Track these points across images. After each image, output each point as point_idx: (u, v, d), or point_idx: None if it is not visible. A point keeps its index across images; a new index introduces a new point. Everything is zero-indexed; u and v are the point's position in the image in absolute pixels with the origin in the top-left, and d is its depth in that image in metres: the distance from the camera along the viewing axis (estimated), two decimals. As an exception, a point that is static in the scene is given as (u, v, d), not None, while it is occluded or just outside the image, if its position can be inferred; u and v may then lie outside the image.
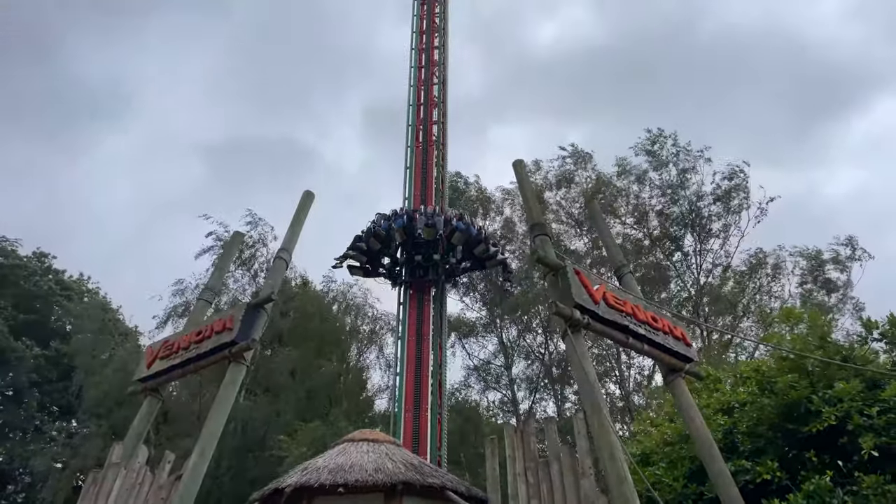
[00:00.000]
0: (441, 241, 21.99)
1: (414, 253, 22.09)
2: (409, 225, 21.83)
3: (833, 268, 32.03)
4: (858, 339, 11.75)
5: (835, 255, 32.08)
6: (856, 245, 31.71)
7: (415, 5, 28.92)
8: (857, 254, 31.59)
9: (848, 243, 31.85)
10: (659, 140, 34.65)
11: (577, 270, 8.95)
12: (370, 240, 22.15)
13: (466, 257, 23.01)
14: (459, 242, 22.18)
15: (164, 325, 32.94)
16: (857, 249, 31.64)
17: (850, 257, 31.71)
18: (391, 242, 22.28)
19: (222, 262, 13.88)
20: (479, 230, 23.30)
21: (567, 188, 36.15)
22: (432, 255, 21.98)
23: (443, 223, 21.92)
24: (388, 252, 22.86)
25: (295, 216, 11.48)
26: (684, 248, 34.20)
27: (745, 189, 32.85)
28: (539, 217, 10.68)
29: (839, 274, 31.96)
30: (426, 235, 21.60)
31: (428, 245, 21.87)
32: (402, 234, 21.82)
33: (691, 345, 9.91)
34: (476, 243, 22.55)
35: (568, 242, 35.33)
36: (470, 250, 22.68)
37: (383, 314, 37.57)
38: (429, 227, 21.66)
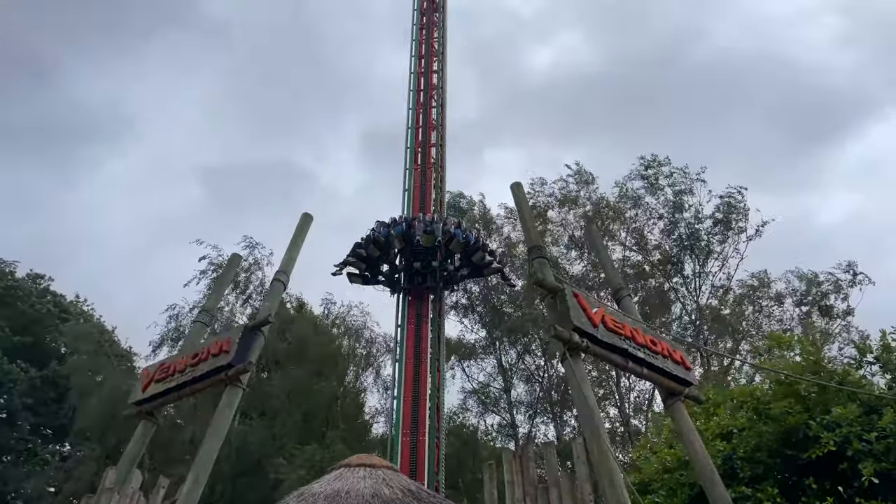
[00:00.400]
0: (440, 248, 22.16)
1: (412, 260, 22.20)
2: (408, 232, 22.02)
3: (833, 293, 32.00)
4: (852, 364, 11.72)
5: (834, 279, 32.07)
6: (856, 270, 31.73)
7: (414, 30, 29.24)
8: (857, 279, 31.58)
9: (848, 269, 31.86)
10: (653, 165, 34.87)
11: (575, 293, 8.93)
12: (369, 247, 22.29)
13: (464, 264, 23.15)
14: (457, 250, 22.39)
15: (159, 349, 32.84)
16: (857, 275, 31.65)
17: (851, 283, 31.70)
18: (390, 249, 22.42)
19: (220, 285, 13.85)
20: (476, 237, 23.53)
21: (567, 209, 36.25)
22: (431, 262, 22.18)
23: (441, 230, 22.14)
24: (387, 259, 22.98)
25: (293, 239, 11.48)
26: (684, 272, 34.22)
27: (742, 212, 32.99)
28: (537, 240, 10.68)
29: (838, 300, 31.94)
30: (425, 242, 21.77)
31: (426, 252, 22.04)
32: (400, 241, 22.03)
33: (691, 368, 9.86)
34: (474, 251, 22.66)
35: (568, 265, 35.34)
36: (468, 257, 22.77)
37: (381, 336, 37.45)
38: (427, 233, 21.88)
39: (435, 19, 29.54)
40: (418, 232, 21.93)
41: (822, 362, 11.22)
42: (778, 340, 12.79)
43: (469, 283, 37.86)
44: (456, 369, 37.65)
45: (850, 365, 11.63)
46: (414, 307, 22.16)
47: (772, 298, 33.11)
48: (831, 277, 32.19)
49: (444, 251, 22.39)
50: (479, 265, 23.06)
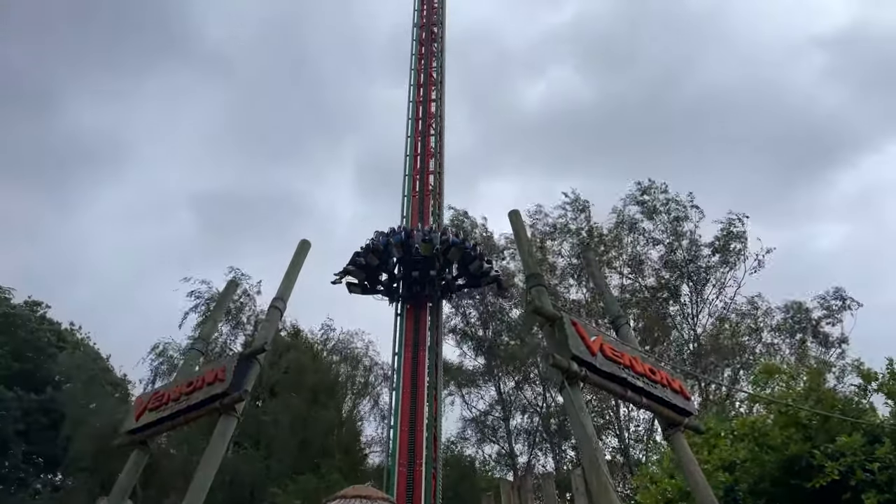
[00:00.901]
0: (438, 257, 22.36)
1: (411, 269, 22.51)
2: (407, 241, 22.31)
3: (826, 320, 32.04)
4: (857, 392, 11.61)
5: (825, 305, 32.13)
6: (844, 296, 31.85)
7: (412, 60, 29.61)
8: (846, 304, 31.67)
9: (837, 295, 31.96)
10: (649, 191, 34.97)
11: (573, 321, 8.87)
12: (368, 255, 22.53)
13: (462, 273, 23.48)
14: (455, 258, 22.66)
15: (152, 383, 32.57)
16: (846, 300, 31.75)
17: (841, 308, 31.77)
18: (389, 258, 22.66)
19: (216, 312, 13.77)
20: (474, 246, 23.77)
21: (564, 238, 36.28)
22: (429, 272, 22.35)
23: (440, 239, 22.39)
24: (386, 268, 23.23)
25: (290, 265, 11.43)
26: (681, 299, 34.11)
27: (742, 239, 32.95)
28: (535, 268, 10.66)
29: (832, 326, 31.97)
30: (423, 251, 21.97)
31: (425, 261, 22.23)
32: (399, 250, 22.26)
33: (690, 398, 9.76)
34: (471, 259, 23.00)
35: (565, 292, 35.26)
36: (465, 266, 23.17)
37: (380, 363, 37.20)
38: (426, 242, 22.09)
39: (433, 49, 29.95)
40: (417, 241, 22.19)
41: (824, 390, 11.12)
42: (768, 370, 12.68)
43: (468, 309, 37.85)
44: (454, 396, 37.36)
45: (854, 393, 11.52)
46: (412, 321, 22.28)
47: (768, 327, 33.02)
48: (823, 303, 32.26)
49: (443, 260, 22.54)
50: (476, 274, 23.35)
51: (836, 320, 31.78)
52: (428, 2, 31.84)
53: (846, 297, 31.72)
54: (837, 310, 31.79)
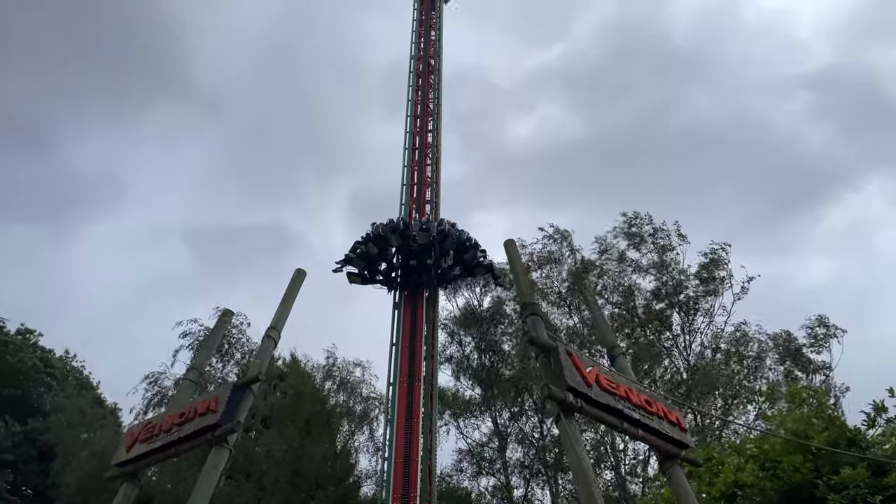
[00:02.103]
0: (434, 246, 23.21)
1: (409, 258, 23.39)
2: (405, 231, 23.25)
3: (811, 349, 32.05)
4: (865, 422, 11.47)
5: (811, 333, 32.18)
6: (827, 323, 31.88)
7: (410, 91, 29.99)
8: (830, 331, 31.70)
9: (820, 323, 32.01)
10: (635, 223, 35.19)
11: (569, 352, 8.86)
12: (368, 244, 23.48)
13: (457, 262, 24.22)
14: (451, 247, 23.56)
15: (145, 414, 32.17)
16: (829, 327, 31.78)
17: (826, 335, 31.78)
18: (388, 247, 23.55)
19: (210, 342, 13.69)
20: (469, 237, 24.45)
21: (552, 267, 36.29)
22: (426, 260, 23.35)
23: (436, 229, 23.41)
24: (385, 258, 24.14)
25: (286, 294, 11.42)
26: (672, 328, 34.04)
27: (726, 267, 33.07)
28: (530, 297, 10.67)
29: (818, 354, 31.96)
30: (421, 239, 22.95)
31: (422, 250, 23.19)
32: (398, 238, 23.20)
33: (687, 430, 9.70)
34: (466, 249, 23.97)
35: (557, 322, 35.14)
36: (460, 256, 23.95)
37: (375, 395, 36.82)
38: (423, 230, 23.13)
39: (430, 81, 30.38)
40: (414, 229, 23.18)
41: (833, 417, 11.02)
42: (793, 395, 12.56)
43: (465, 337, 37.70)
44: (450, 426, 36.96)
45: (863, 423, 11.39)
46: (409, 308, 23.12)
47: (755, 356, 32.98)
48: (808, 331, 32.33)
49: (439, 249, 23.39)
50: (471, 264, 24.37)
51: (822, 347, 31.80)
52: (425, 35, 32.40)
53: (829, 324, 31.79)
54: (822, 337, 31.84)
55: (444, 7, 34.23)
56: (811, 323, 31.98)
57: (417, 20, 33.08)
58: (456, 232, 23.75)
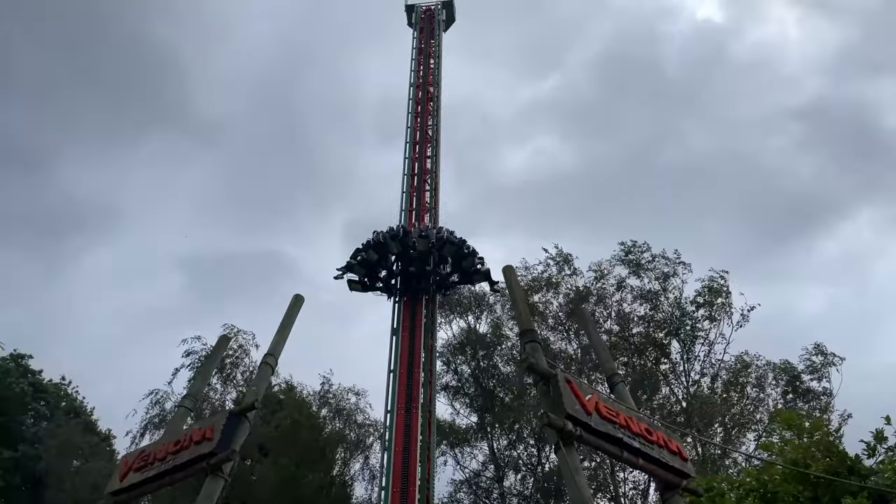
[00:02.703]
0: (433, 253, 23.88)
1: (408, 265, 23.96)
2: (405, 239, 23.82)
3: (810, 377, 31.92)
4: (865, 451, 11.36)
5: (810, 363, 32.06)
6: (825, 351, 31.79)
7: (409, 117, 30.26)
8: (829, 359, 31.61)
9: (817, 351, 31.92)
10: (633, 250, 35.28)
11: (568, 379, 8.81)
12: (369, 251, 24.10)
13: (455, 269, 24.74)
14: (450, 253, 24.19)
15: (141, 438, 31.87)
16: (827, 355, 31.69)
17: (824, 363, 31.68)
18: (388, 254, 24.13)
19: (206, 368, 13.57)
20: (466, 245, 24.94)
21: (551, 292, 36.24)
22: (424, 267, 23.91)
23: (435, 236, 24.09)
24: (385, 264, 24.55)
25: (283, 320, 11.36)
26: (671, 356, 33.90)
27: (725, 295, 33.03)
28: (529, 323, 10.62)
29: (817, 383, 31.82)
30: (420, 246, 23.54)
31: (421, 257, 23.75)
32: (398, 245, 23.77)
33: (688, 459, 9.61)
34: (464, 257, 24.38)
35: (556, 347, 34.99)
36: (458, 263, 24.50)
37: (371, 422, 36.47)
38: (422, 237, 23.77)
39: (430, 108, 30.67)
40: (414, 236, 23.82)
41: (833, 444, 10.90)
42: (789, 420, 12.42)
43: (461, 365, 37.48)
44: (447, 456, 36.53)
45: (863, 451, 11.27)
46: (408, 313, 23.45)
47: (754, 385, 32.84)
48: (806, 360, 32.24)
49: (437, 256, 24.08)
50: (468, 271, 24.88)
51: (822, 376, 31.67)
52: (425, 63, 32.81)
53: (826, 352, 31.70)
54: (821, 365, 31.73)
55: (443, 36, 34.72)
56: (808, 352, 31.94)
57: (417, 48, 33.54)
58: (454, 239, 24.37)
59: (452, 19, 36.32)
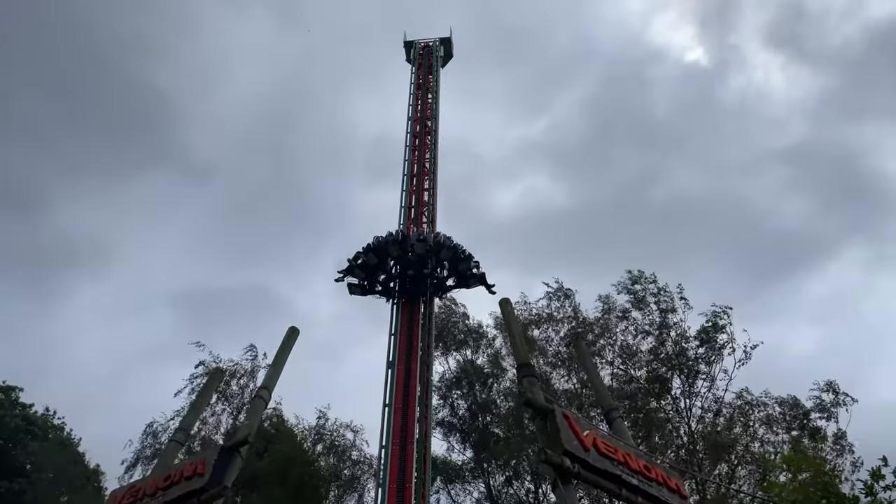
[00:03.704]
0: (430, 257, 24.67)
1: (406, 268, 24.75)
2: (403, 243, 24.67)
3: (818, 415, 31.48)
4: (863, 490, 11.24)
5: (818, 402, 31.64)
6: (837, 389, 31.37)
7: (406, 150, 30.50)
8: (839, 398, 31.18)
9: (829, 388, 31.52)
10: (640, 280, 35.20)
11: (566, 415, 8.71)
12: (369, 254, 24.82)
13: (452, 273, 25.42)
14: (447, 257, 24.85)
15: (133, 469, 31.35)
16: (838, 394, 31.26)
17: (834, 403, 31.25)
18: (387, 258, 24.85)
19: (198, 401, 13.37)
20: (463, 249, 25.47)
21: (551, 326, 36.08)
22: (422, 270, 24.68)
23: (433, 240, 24.89)
24: (384, 268, 25.23)
25: (278, 352, 11.27)
26: (673, 391, 33.57)
27: (727, 331, 32.81)
28: (526, 357, 10.56)
29: (825, 421, 31.36)
30: (418, 249, 24.36)
31: (419, 260, 24.53)
32: (396, 249, 24.61)
33: (687, 497, 9.45)
34: (460, 261, 25.01)
35: (556, 383, 34.70)
36: (455, 267, 25.14)
37: (365, 459, 35.91)
38: (420, 241, 24.60)
39: (427, 141, 30.97)
40: (412, 240, 24.69)
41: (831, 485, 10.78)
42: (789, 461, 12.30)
43: (457, 400, 37.09)
44: (441, 493, 35.88)
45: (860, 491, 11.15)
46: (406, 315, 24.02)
47: (760, 421, 32.39)
48: (815, 398, 31.83)
49: (435, 260, 24.86)
50: (465, 275, 25.35)
51: (831, 415, 31.22)
52: (423, 97, 33.24)
53: (839, 391, 31.26)
54: (831, 404, 31.30)
55: (441, 72, 35.22)
56: (820, 388, 31.48)
57: (415, 83, 34.01)
58: (451, 243, 24.99)
59: (450, 55, 36.92)
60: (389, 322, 24.24)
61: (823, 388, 31.39)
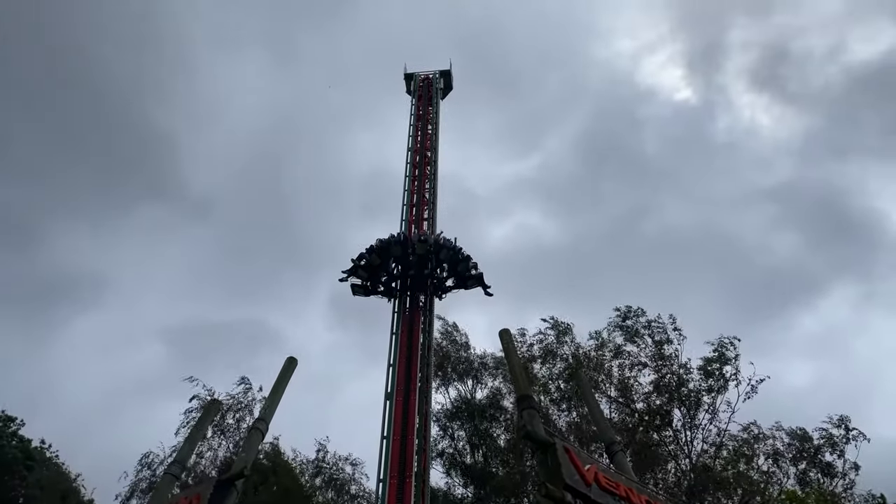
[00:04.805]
0: (430, 258, 25.40)
1: (407, 268, 25.50)
2: (405, 243, 25.49)
3: (828, 449, 30.96)
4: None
5: (827, 435, 31.15)
6: (848, 425, 30.89)
7: (406, 181, 30.64)
8: (850, 434, 30.68)
9: (840, 424, 31.04)
10: (630, 315, 35.06)
11: (567, 448, 8.56)
12: (372, 255, 25.58)
13: (451, 274, 26.07)
14: (446, 259, 25.61)
15: (129, 502, 30.87)
16: (850, 430, 30.77)
17: (845, 438, 30.75)
18: (389, 259, 25.64)
19: (194, 433, 13.17)
20: (462, 250, 25.98)
21: (549, 362, 35.83)
22: (423, 271, 25.46)
23: (433, 241, 25.67)
24: (387, 269, 25.97)
25: (276, 383, 11.13)
26: (673, 424, 33.07)
27: (734, 364, 32.41)
28: (527, 389, 10.42)
29: (835, 456, 30.83)
30: (419, 249, 25.15)
31: (420, 261, 25.30)
32: (399, 249, 25.43)
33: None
34: (459, 262, 25.72)
35: (555, 417, 34.30)
36: (454, 268, 25.83)
37: (364, 493, 35.31)
38: (421, 242, 25.38)
39: (427, 172, 31.14)
40: (414, 240, 25.49)
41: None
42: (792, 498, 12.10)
43: (457, 431, 36.64)
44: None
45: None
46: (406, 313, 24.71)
47: (766, 454, 31.86)
48: (824, 433, 31.34)
49: (435, 261, 25.59)
50: (463, 276, 26.00)
51: (841, 451, 30.72)
52: (423, 128, 33.54)
53: (850, 427, 30.80)
54: (841, 440, 30.80)
55: (440, 103, 35.58)
56: (832, 423, 31.06)
57: (415, 115, 34.36)
58: (450, 244, 25.70)
59: (450, 87, 37.34)
60: (390, 325, 24.77)
61: (835, 423, 31.02)
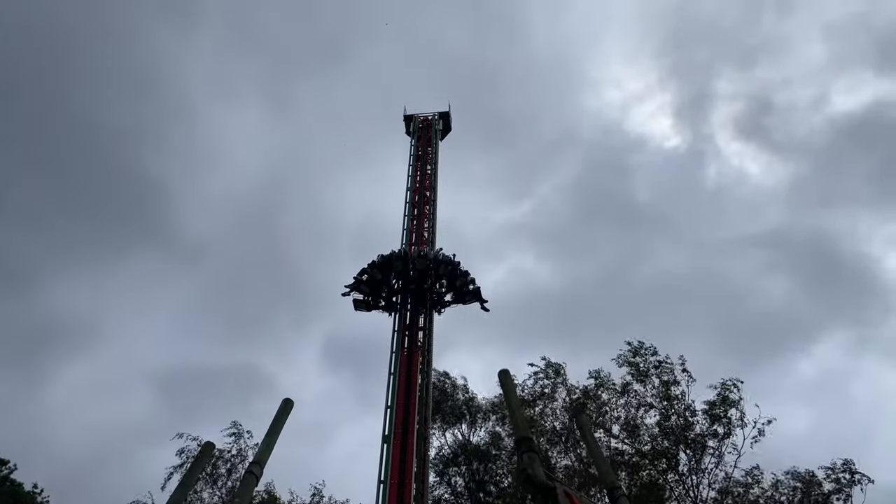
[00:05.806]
0: (430, 273, 26.35)
1: (408, 283, 26.40)
2: (406, 258, 26.51)
3: (836, 495, 30.41)
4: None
5: (834, 478, 30.65)
6: (853, 469, 30.45)
7: (405, 220, 30.83)
8: (856, 478, 30.21)
9: (845, 468, 30.60)
10: (640, 352, 34.73)
11: (568, 492, 8.33)
12: (374, 270, 26.42)
13: (450, 289, 26.82)
14: (445, 274, 26.50)
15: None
16: (855, 474, 30.31)
17: (850, 482, 30.27)
18: (390, 273, 26.47)
19: (188, 478, 12.77)
20: (460, 265, 26.83)
21: (546, 403, 35.43)
22: (422, 285, 26.37)
23: (432, 256, 26.68)
24: (388, 283, 26.78)
25: (271, 426, 10.83)
26: (678, 467, 32.51)
27: (739, 407, 32.04)
28: (526, 431, 10.18)
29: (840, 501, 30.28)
30: (419, 264, 26.15)
31: (420, 276, 26.25)
32: (400, 264, 26.33)
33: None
34: (457, 276, 26.56)
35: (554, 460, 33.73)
36: (453, 283, 26.66)
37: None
38: (421, 257, 26.43)
39: (426, 211, 31.36)
40: (414, 256, 26.53)
41: None
42: None
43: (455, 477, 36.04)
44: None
45: None
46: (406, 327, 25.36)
47: (773, 501, 31.25)
48: (831, 475, 30.85)
49: (434, 276, 26.49)
50: (462, 291, 26.74)
51: (847, 495, 30.20)
52: (422, 168, 33.89)
53: (855, 470, 30.35)
54: (846, 484, 30.32)
55: (439, 144, 36.01)
56: (837, 468, 30.63)
57: (414, 155, 34.78)
58: (449, 259, 26.65)
59: (449, 129, 37.82)
60: (391, 338, 25.21)
61: (841, 469, 30.59)
